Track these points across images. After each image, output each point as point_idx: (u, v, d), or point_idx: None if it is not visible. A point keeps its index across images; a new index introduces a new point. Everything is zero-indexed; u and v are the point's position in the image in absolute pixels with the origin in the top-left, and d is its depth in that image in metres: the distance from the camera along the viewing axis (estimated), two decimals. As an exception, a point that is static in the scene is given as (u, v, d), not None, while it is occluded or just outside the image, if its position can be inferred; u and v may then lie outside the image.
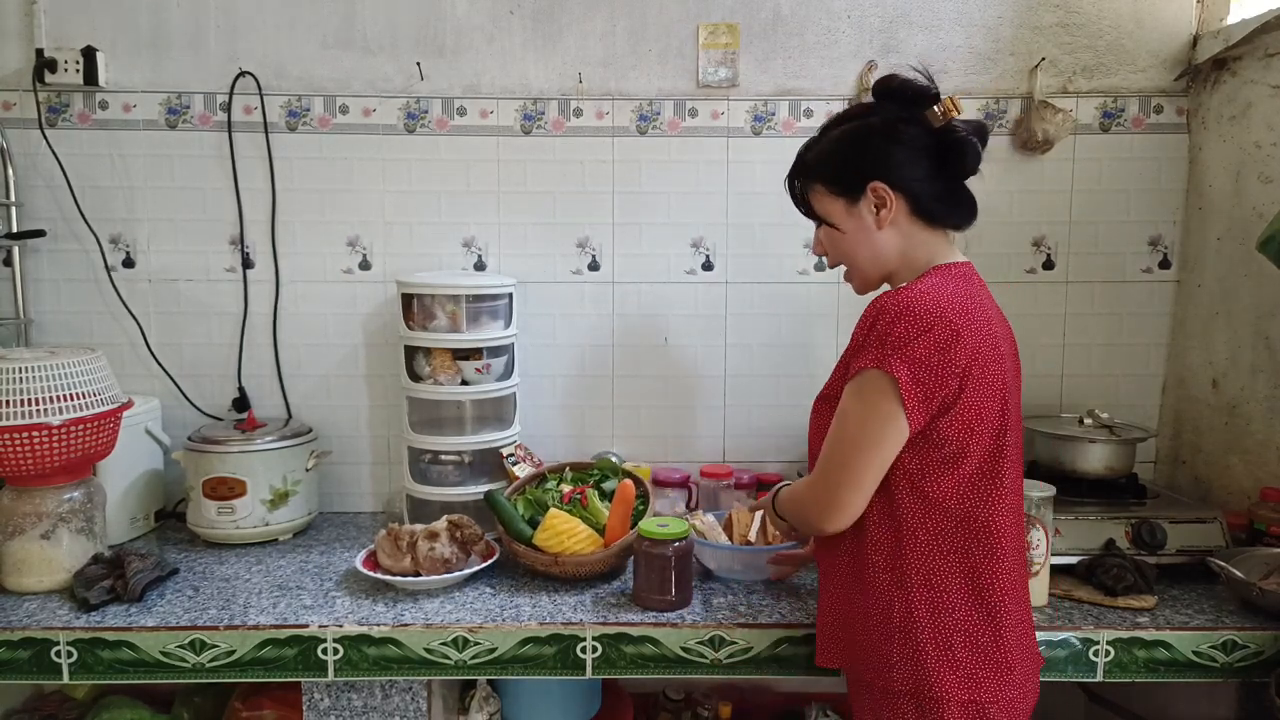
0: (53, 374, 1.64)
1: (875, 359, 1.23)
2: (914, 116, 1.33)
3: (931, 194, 1.33)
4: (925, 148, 1.32)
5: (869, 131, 1.34)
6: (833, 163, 1.37)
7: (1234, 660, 1.53)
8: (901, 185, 1.32)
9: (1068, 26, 2.14)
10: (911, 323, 1.21)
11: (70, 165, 2.09)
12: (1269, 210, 1.88)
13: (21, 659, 1.52)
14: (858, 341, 1.28)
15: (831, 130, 1.39)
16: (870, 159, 1.33)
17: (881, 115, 1.34)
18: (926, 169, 1.32)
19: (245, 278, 2.17)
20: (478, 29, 2.13)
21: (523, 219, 2.18)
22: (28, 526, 1.67)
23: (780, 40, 2.15)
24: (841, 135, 1.37)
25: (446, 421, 2.11)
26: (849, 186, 1.34)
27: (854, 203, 1.34)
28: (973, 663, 1.25)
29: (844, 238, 1.37)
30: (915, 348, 1.21)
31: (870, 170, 1.32)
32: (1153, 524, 1.72)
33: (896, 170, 1.31)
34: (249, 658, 1.53)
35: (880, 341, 1.23)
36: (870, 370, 1.24)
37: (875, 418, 1.24)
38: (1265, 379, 1.93)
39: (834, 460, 1.28)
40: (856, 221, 1.35)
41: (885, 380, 1.22)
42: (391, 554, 1.71)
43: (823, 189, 1.38)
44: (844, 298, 2.20)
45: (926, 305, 1.22)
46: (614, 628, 1.55)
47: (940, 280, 1.28)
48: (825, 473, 1.30)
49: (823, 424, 1.35)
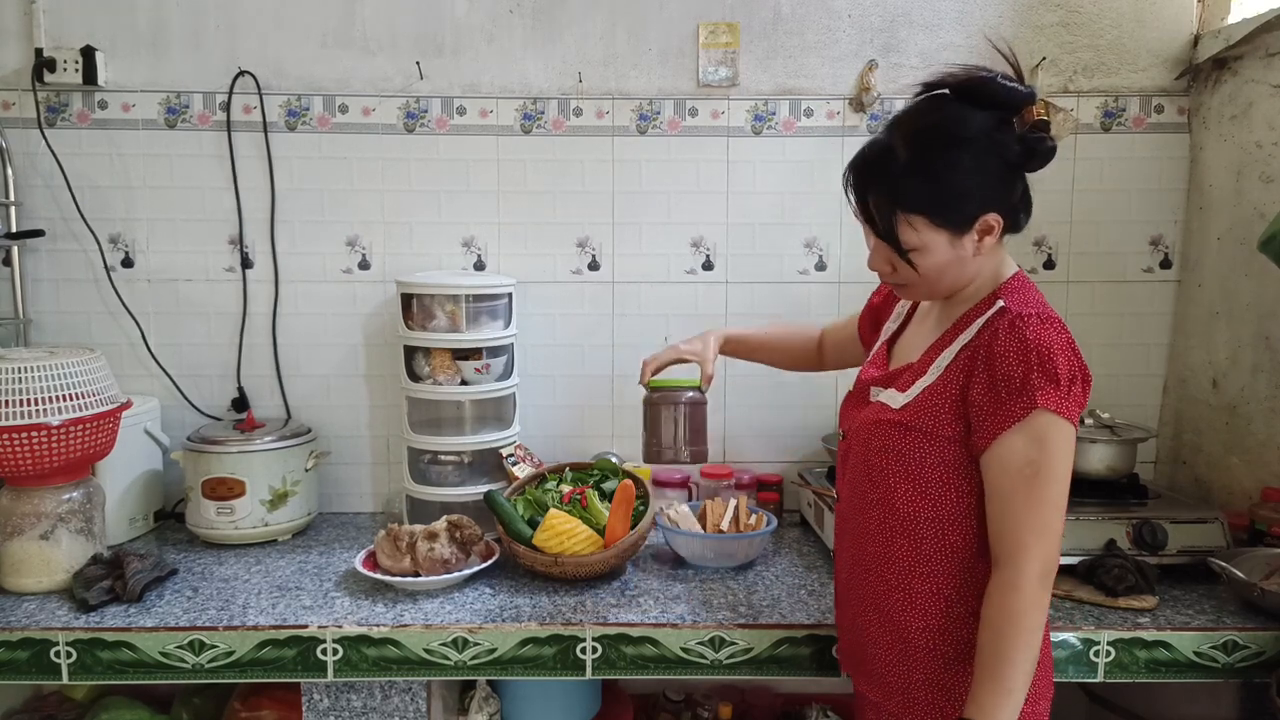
0: (52, 374, 1.64)
1: (1054, 403, 1.15)
2: (1010, 126, 1.20)
3: (1019, 208, 1.24)
4: (1018, 161, 1.21)
5: (980, 156, 1.19)
6: (944, 195, 1.20)
7: (1235, 661, 1.53)
8: (1004, 210, 1.21)
9: (1068, 26, 2.14)
10: (1070, 358, 1.17)
11: (69, 165, 2.09)
12: (1270, 210, 1.88)
13: (21, 659, 1.52)
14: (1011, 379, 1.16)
15: (923, 148, 1.19)
16: (984, 190, 1.20)
17: (982, 132, 1.18)
18: (1021, 184, 1.23)
19: (244, 277, 2.17)
20: (477, 29, 2.13)
21: (522, 219, 2.18)
22: (27, 527, 1.67)
23: (780, 39, 2.14)
24: (958, 164, 1.19)
25: (446, 421, 2.11)
26: (958, 220, 1.20)
27: (959, 235, 1.21)
28: (1036, 678, 1.21)
29: (936, 268, 1.24)
30: (1076, 387, 1.17)
31: (983, 202, 1.20)
32: (1154, 524, 1.72)
33: (1004, 195, 1.21)
34: (248, 658, 1.53)
35: (1050, 380, 1.15)
36: (1048, 414, 1.15)
37: (1067, 464, 1.18)
38: (1266, 379, 1.93)
39: (1048, 526, 1.17)
40: (957, 252, 1.22)
41: (1064, 425, 1.16)
42: (391, 554, 1.71)
43: (923, 221, 1.21)
44: (844, 298, 2.20)
45: (1069, 336, 1.18)
46: (614, 628, 1.55)
47: (1041, 298, 1.24)
48: (1042, 543, 1.16)
49: (900, 450, 1.26)
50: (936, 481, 1.24)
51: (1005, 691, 1.15)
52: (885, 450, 1.29)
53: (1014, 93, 1.19)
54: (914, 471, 1.26)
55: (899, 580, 1.28)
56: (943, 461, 1.24)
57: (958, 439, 1.22)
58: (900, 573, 1.28)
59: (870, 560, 1.33)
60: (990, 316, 1.22)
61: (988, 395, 1.18)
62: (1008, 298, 1.23)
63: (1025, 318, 1.18)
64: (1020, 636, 1.15)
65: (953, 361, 1.24)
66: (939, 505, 1.25)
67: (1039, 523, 1.16)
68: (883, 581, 1.31)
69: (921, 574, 1.26)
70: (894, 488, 1.28)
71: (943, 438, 1.23)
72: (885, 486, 1.29)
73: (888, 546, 1.29)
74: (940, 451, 1.24)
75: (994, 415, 1.18)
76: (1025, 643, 1.15)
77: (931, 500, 1.25)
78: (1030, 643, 1.15)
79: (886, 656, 1.31)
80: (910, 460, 1.26)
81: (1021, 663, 1.15)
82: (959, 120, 1.19)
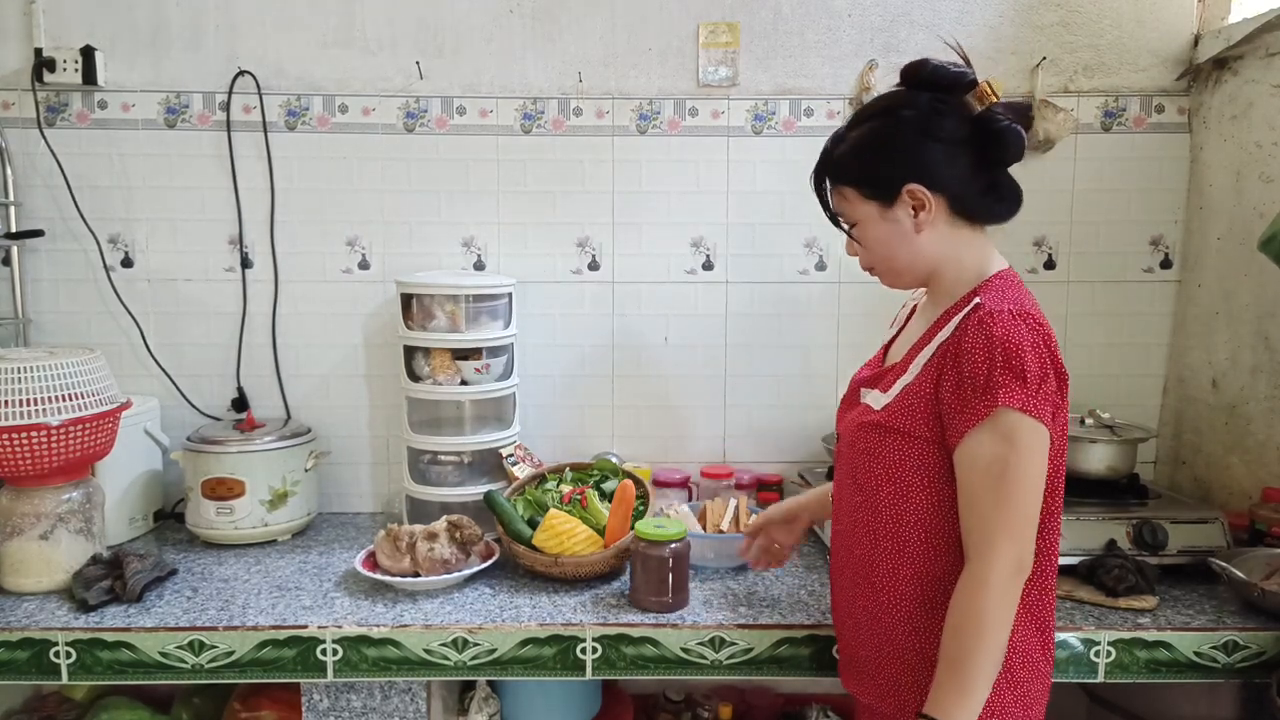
0: (51, 374, 1.64)
1: (1019, 401, 1.13)
2: (949, 105, 1.22)
3: (973, 191, 1.24)
4: (963, 140, 1.21)
5: (902, 127, 1.22)
6: (864, 163, 1.25)
7: (1235, 661, 1.53)
8: (940, 185, 1.22)
9: (1069, 25, 2.14)
10: (1041, 356, 1.15)
11: (69, 165, 2.09)
12: (1270, 210, 1.88)
13: (20, 659, 1.52)
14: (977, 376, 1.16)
15: (860, 125, 1.27)
16: (905, 158, 1.22)
17: (914, 107, 1.23)
18: (966, 164, 1.22)
19: (244, 277, 2.16)
20: (477, 28, 2.13)
21: (522, 219, 2.18)
22: (26, 527, 1.67)
23: (780, 39, 2.14)
24: (872, 132, 1.25)
25: (446, 422, 2.11)
26: (883, 189, 1.24)
27: (889, 206, 1.24)
28: (1030, 682, 1.23)
29: (878, 243, 1.27)
30: (1048, 385, 1.15)
31: (906, 171, 1.22)
32: (1154, 524, 1.72)
33: (934, 169, 1.22)
34: (248, 658, 1.53)
35: (1015, 378, 1.13)
36: (1012, 412, 1.14)
37: (1038, 462, 1.16)
38: (1265, 379, 1.93)
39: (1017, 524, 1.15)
40: (892, 226, 1.25)
41: (1032, 423, 1.14)
42: (391, 554, 1.71)
43: (853, 192, 1.27)
44: (844, 297, 2.20)
45: (1044, 333, 1.17)
46: (614, 628, 1.55)
47: (1023, 294, 1.22)
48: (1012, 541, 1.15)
49: (881, 453, 1.27)
50: (917, 485, 1.24)
51: (965, 691, 1.13)
52: (868, 452, 1.29)
53: (943, 72, 1.23)
54: (895, 474, 1.26)
55: (884, 582, 1.28)
56: (922, 464, 1.23)
57: (935, 440, 1.22)
58: (885, 575, 1.28)
59: (857, 563, 1.33)
60: (966, 313, 1.21)
61: (955, 393, 1.18)
62: (985, 294, 1.22)
63: (996, 314, 1.17)
64: (984, 636, 1.13)
65: (929, 360, 1.23)
66: (920, 508, 1.24)
67: (1007, 521, 1.15)
68: (869, 584, 1.31)
69: (906, 576, 1.26)
70: (877, 490, 1.28)
71: (920, 439, 1.23)
72: (869, 489, 1.30)
73: (873, 549, 1.30)
74: (919, 454, 1.23)
75: (961, 414, 1.17)
76: (989, 643, 1.13)
77: (913, 503, 1.25)
78: (994, 642, 1.14)
79: (876, 659, 1.31)
80: (891, 463, 1.26)
81: (984, 663, 1.13)
82: (893, 98, 1.26)
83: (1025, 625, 1.23)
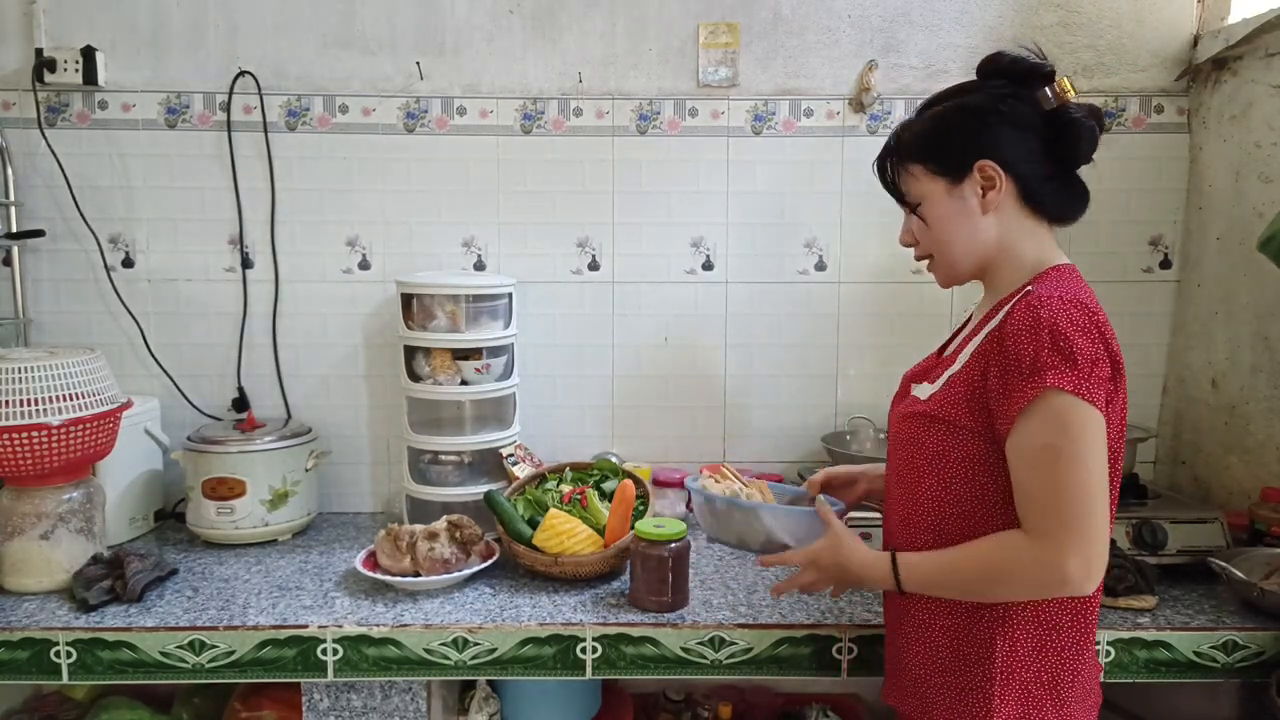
0: (52, 374, 1.64)
1: (1070, 383, 1.08)
2: (1024, 95, 1.21)
3: (1043, 178, 1.22)
4: (1036, 129, 1.20)
5: (976, 107, 1.22)
6: (935, 139, 1.24)
7: (1235, 661, 1.53)
8: (1012, 166, 1.20)
9: (1068, 26, 2.14)
10: (1093, 339, 1.11)
11: (69, 165, 2.09)
12: (1269, 210, 1.88)
13: (21, 659, 1.52)
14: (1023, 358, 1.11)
15: (933, 106, 1.27)
16: (979, 135, 1.21)
17: (988, 91, 1.23)
18: (1039, 152, 1.21)
19: (244, 277, 2.17)
20: (477, 29, 2.13)
21: (522, 219, 2.18)
22: (27, 527, 1.67)
23: (780, 40, 2.14)
24: (945, 111, 1.25)
25: (446, 421, 2.11)
26: (953, 165, 1.22)
27: (957, 183, 1.23)
28: (1072, 692, 1.21)
29: (940, 222, 1.25)
30: (1100, 369, 1.11)
31: (979, 148, 1.21)
32: (1153, 524, 1.72)
33: (1007, 149, 1.20)
34: (248, 658, 1.53)
35: (1064, 359, 1.09)
36: (1062, 395, 1.09)
37: (1097, 450, 1.10)
38: (1265, 379, 1.93)
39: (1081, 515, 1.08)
40: (958, 204, 1.23)
41: (1085, 407, 1.09)
42: (391, 554, 1.71)
43: (921, 169, 1.26)
44: (844, 297, 2.20)
45: (1097, 319, 1.13)
46: (614, 628, 1.55)
47: (1080, 286, 1.19)
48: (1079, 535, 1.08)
49: (925, 443, 1.24)
50: (961, 477, 1.21)
51: (933, 583, 1.21)
52: (912, 443, 1.27)
53: (1022, 62, 1.23)
54: (938, 465, 1.23)
55: None
56: (966, 456, 1.20)
57: (980, 432, 1.18)
58: None
59: None
60: (1016, 300, 1.17)
61: (1001, 379, 1.14)
62: (1039, 284, 1.18)
63: (1045, 299, 1.12)
64: (998, 587, 1.16)
65: (977, 349, 1.20)
66: (963, 501, 1.21)
67: (1067, 520, 1.08)
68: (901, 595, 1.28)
69: None
70: (919, 482, 1.26)
71: (964, 429, 1.19)
72: (912, 481, 1.27)
73: (913, 543, 1.27)
74: (963, 445, 1.20)
75: (1008, 398, 1.13)
76: (992, 591, 1.17)
77: (955, 495, 1.21)
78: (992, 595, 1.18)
79: (915, 661, 1.28)
80: (934, 453, 1.23)
81: (969, 590, 1.19)
82: (967, 84, 1.28)
83: (1069, 621, 1.20)
